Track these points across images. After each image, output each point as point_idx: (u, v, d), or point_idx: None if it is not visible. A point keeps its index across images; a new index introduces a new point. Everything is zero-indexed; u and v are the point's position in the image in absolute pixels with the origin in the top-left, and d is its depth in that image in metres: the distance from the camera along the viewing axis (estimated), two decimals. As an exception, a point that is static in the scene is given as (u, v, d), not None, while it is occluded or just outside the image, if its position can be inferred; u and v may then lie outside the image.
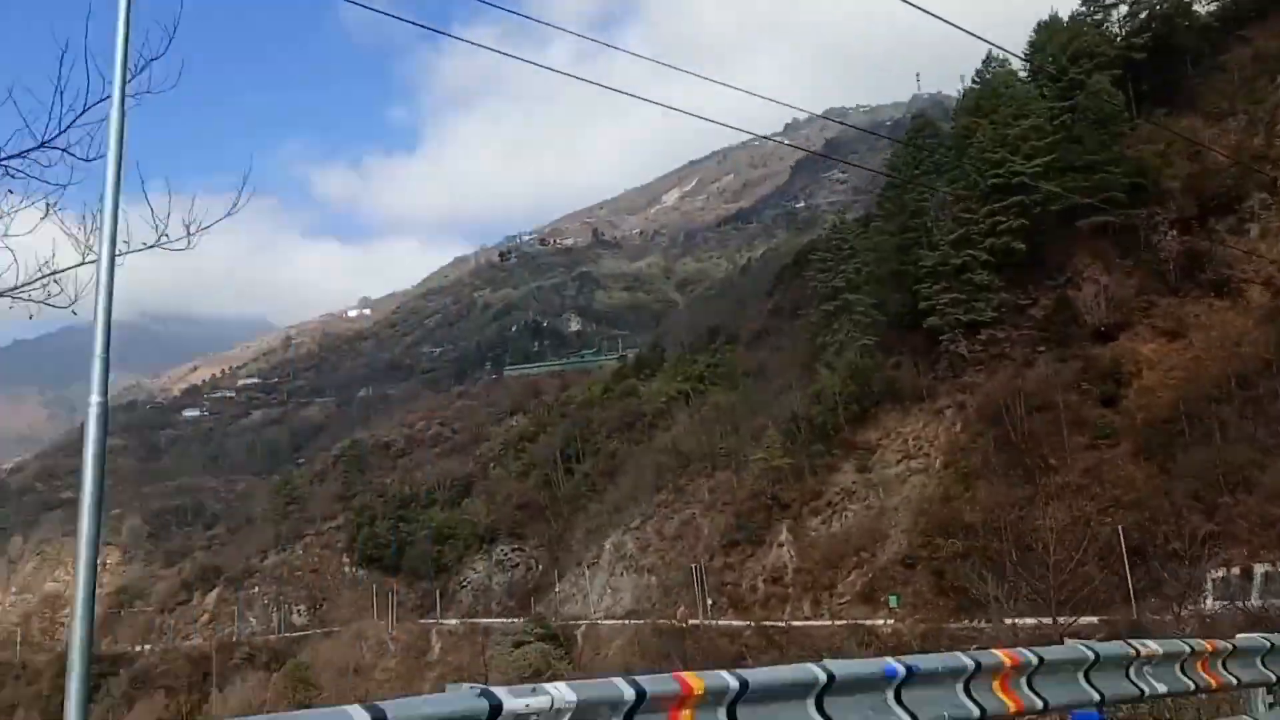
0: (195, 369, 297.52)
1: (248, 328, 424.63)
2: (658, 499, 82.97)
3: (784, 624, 56.55)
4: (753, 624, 55.85)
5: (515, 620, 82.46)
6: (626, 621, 67.07)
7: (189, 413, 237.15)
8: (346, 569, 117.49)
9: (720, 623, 60.28)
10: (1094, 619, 48.81)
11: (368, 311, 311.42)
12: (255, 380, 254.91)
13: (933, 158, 78.16)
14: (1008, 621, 53.27)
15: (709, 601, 64.57)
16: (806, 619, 61.35)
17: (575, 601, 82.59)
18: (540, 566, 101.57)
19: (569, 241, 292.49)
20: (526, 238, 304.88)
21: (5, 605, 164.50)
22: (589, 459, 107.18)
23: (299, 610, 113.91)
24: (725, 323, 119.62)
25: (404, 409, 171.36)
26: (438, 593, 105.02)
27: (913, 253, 72.09)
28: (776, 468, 70.24)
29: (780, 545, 67.50)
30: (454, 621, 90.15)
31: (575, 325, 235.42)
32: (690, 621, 62.03)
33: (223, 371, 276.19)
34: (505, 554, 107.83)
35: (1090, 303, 64.10)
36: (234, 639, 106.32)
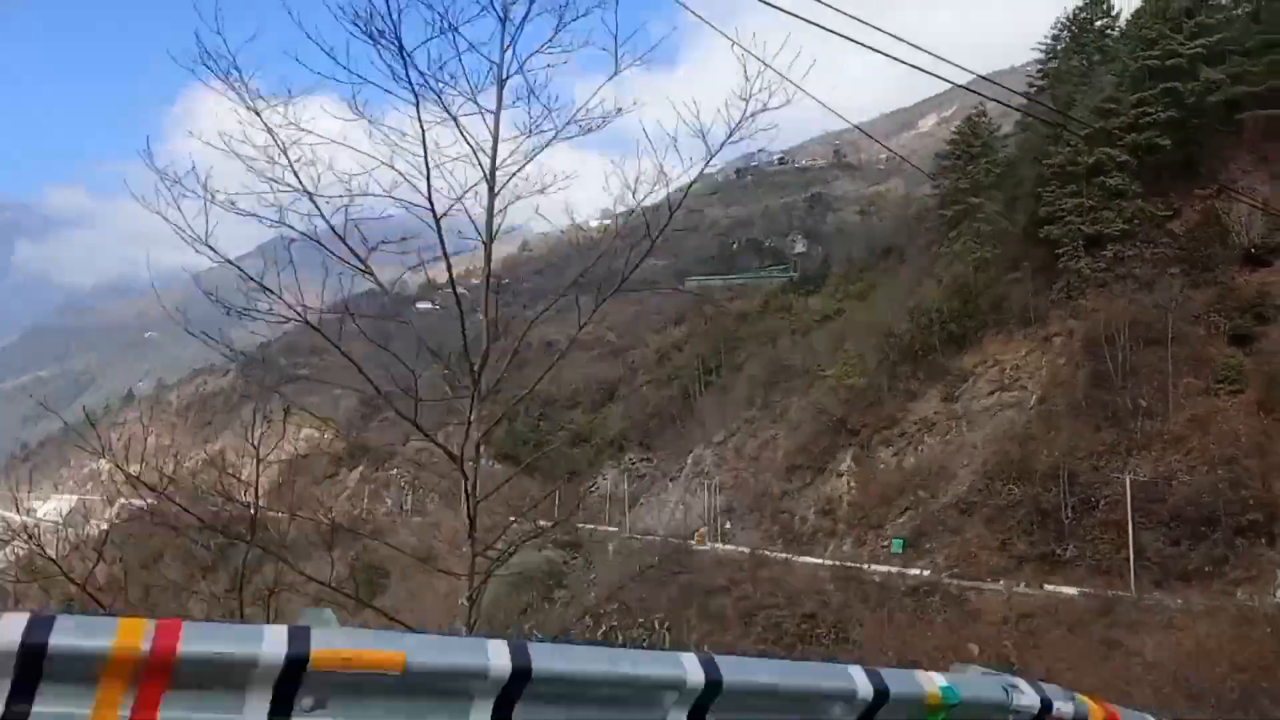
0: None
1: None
2: (746, 415, 76.11)
3: (783, 556, 49.51)
4: (749, 551, 49.05)
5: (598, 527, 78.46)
6: (648, 538, 61.54)
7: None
8: (484, 462, 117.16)
9: (722, 548, 53.79)
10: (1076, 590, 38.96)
11: (608, 222, 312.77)
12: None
13: (1099, 44, 65.98)
14: (1020, 588, 44.29)
15: (725, 525, 57.95)
16: (847, 561, 53.58)
17: (654, 514, 77.48)
18: (665, 477, 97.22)
19: (806, 161, 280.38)
20: (768, 157, 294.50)
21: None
22: (725, 372, 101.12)
23: (432, 496, 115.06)
24: (902, 241, 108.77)
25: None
26: (557, 495, 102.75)
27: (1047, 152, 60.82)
28: (851, 388, 61.99)
29: (840, 475, 59.61)
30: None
31: (800, 247, 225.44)
32: (700, 545, 55.82)
33: (464, 270, 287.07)
34: (633, 462, 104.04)
35: (1244, 219, 51.41)
36: (362, 515, 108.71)
